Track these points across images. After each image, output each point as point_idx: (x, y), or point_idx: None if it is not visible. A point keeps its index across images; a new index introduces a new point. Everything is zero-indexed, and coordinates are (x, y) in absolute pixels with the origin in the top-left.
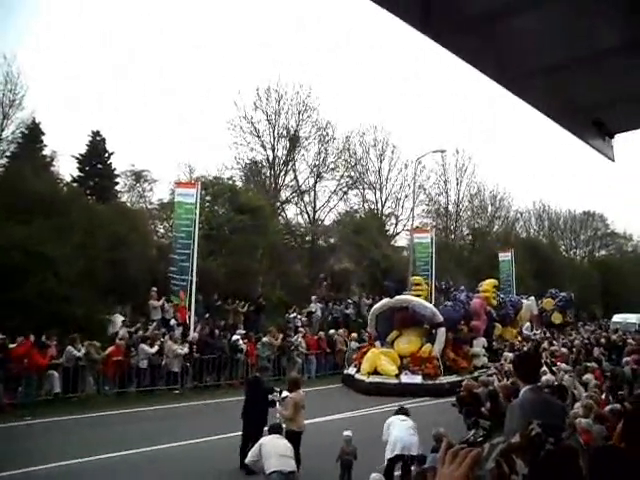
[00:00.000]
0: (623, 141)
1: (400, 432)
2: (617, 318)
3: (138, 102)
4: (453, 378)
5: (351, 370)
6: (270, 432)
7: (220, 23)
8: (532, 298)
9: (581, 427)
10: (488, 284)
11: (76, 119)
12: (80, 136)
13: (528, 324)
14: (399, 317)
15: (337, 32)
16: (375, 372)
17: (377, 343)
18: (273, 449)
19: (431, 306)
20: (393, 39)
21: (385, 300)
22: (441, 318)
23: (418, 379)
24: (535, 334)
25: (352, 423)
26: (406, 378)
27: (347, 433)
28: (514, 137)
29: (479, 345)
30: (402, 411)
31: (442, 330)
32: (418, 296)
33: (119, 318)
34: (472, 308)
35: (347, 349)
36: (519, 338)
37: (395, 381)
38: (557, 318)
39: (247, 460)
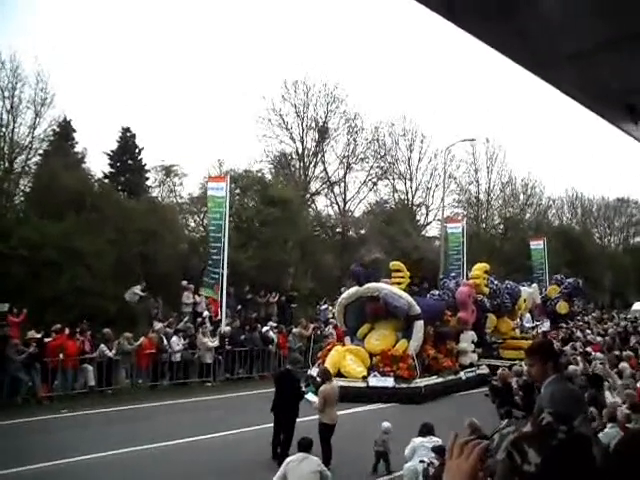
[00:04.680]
0: None
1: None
2: (637, 306)
3: (167, 97)
4: (433, 380)
5: (314, 371)
6: (299, 448)
7: (247, 16)
8: (535, 285)
9: (621, 417)
10: (478, 268)
11: (106, 116)
12: (111, 132)
13: (528, 315)
14: (371, 308)
15: (364, 22)
16: (340, 374)
17: (347, 339)
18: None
19: (406, 295)
20: (421, 28)
21: (353, 289)
22: (418, 310)
23: (389, 382)
24: (537, 326)
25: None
26: (374, 381)
27: (385, 424)
28: (545, 124)
29: (467, 340)
30: (428, 430)
31: (419, 323)
32: (398, 284)
33: (137, 288)
34: (457, 297)
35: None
36: (517, 331)
37: (361, 384)
38: (563, 307)
39: None
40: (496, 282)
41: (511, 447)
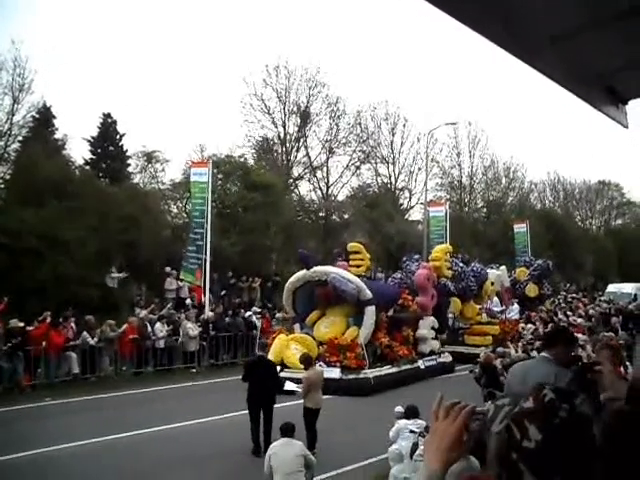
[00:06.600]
0: (637, 107)
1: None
2: (612, 288)
3: (148, 83)
4: (385, 370)
5: None
6: (281, 433)
7: (229, 0)
8: (503, 268)
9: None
10: (439, 250)
11: (87, 102)
12: (91, 118)
13: (496, 299)
14: (321, 294)
15: (344, 6)
16: (283, 364)
17: (296, 326)
18: (280, 465)
19: (356, 279)
20: (402, 11)
21: (300, 273)
22: (369, 294)
23: (335, 373)
24: (507, 310)
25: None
26: None
27: (398, 409)
28: (527, 107)
29: (426, 326)
30: (413, 412)
31: (371, 309)
32: (358, 267)
33: (113, 270)
34: (415, 281)
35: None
36: (483, 316)
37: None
38: (532, 290)
39: (264, 472)
40: (461, 264)
41: (511, 422)
